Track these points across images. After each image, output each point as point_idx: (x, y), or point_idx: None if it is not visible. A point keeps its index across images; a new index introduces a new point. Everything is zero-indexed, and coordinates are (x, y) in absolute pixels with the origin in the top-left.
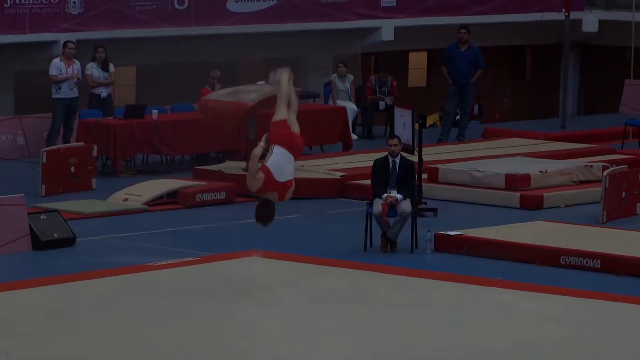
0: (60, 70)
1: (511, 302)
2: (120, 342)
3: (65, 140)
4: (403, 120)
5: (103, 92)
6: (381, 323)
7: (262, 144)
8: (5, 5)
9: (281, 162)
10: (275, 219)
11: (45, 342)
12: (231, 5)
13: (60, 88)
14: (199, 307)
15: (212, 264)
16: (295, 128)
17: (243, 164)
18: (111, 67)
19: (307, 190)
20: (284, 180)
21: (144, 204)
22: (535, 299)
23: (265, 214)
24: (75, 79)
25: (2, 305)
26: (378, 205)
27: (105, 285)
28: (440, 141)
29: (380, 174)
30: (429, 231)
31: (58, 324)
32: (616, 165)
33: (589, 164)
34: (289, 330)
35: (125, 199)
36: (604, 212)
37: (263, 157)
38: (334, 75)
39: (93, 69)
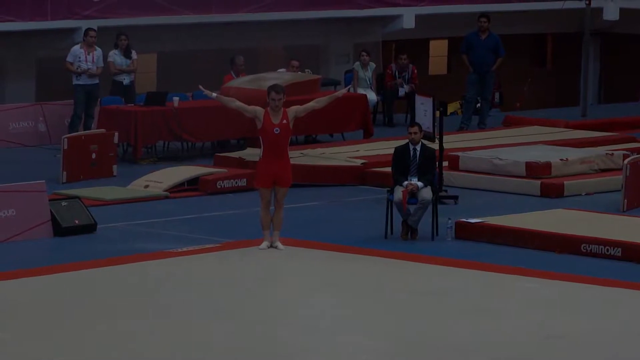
0: (79, 57)
1: (533, 289)
2: (140, 328)
3: (86, 127)
4: (424, 108)
5: (125, 79)
6: (402, 310)
7: None
8: None
9: None
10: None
11: (65, 328)
12: None
13: (80, 75)
14: (220, 294)
15: (233, 251)
16: None
17: None
18: (133, 55)
19: (328, 177)
20: None
21: (164, 191)
22: (556, 286)
23: None
24: (88, 70)
25: (23, 291)
26: (399, 193)
27: (126, 271)
28: (461, 129)
29: (401, 162)
30: (449, 219)
31: (79, 309)
32: (637, 154)
33: (610, 152)
34: (309, 317)
35: (146, 186)
36: (625, 200)
37: None
38: (357, 63)
39: (115, 56)
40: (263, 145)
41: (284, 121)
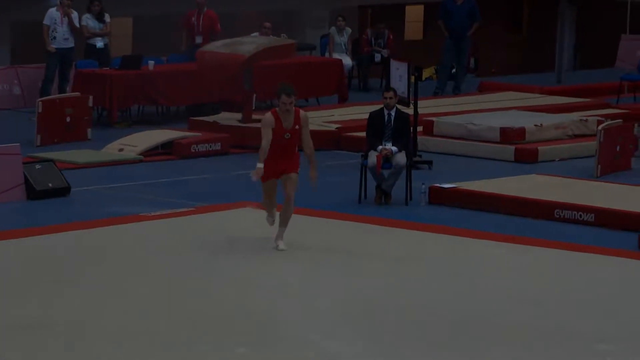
0: (55, 19)
1: (504, 255)
2: (111, 292)
3: (62, 90)
4: (399, 73)
5: (99, 43)
6: (373, 273)
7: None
8: None
9: None
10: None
11: (34, 292)
12: None
13: (55, 38)
14: (192, 257)
15: (206, 215)
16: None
17: (238, 115)
18: (107, 18)
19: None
20: None
21: (139, 155)
22: (528, 251)
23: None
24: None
25: None
26: (373, 158)
27: (99, 235)
28: (436, 94)
29: (376, 127)
30: (423, 184)
31: (49, 273)
32: (611, 120)
33: (584, 118)
34: (281, 279)
35: (121, 149)
36: (599, 166)
37: None
38: (333, 28)
39: (88, 20)
40: (270, 146)
41: (297, 127)
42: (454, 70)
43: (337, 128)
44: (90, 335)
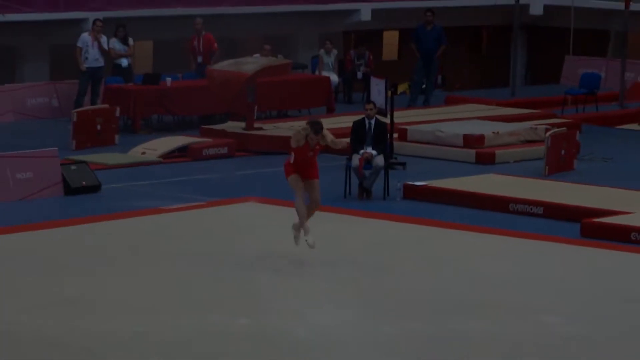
0: (87, 43)
1: (468, 241)
2: (135, 272)
3: (93, 102)
4: (378, 88)
5: (124, 62)
6: (357, 255)
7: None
8: None
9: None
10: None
11: (71, 272)
12: None
13: (87, 58)
14: (203, 243)
15: (216, 208)
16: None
17: (242, 124)
18: (130, 41)
19: None
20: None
21: (158, 157)
22: (487, 239)
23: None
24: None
25: (38, 242)
26: (356, 160)
27: (125, 225)
28: (409, 106)
29: (358, 134)
30: (398, 182)
31: (85, 256)
32: (557, 128)
33: (534, 126)
34: (277, 260)
35: (143, 153)
36: (546, 166)
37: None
38: (322, 50)
39: (115, 43)
40: (294, 156)
41: (318, 147)
42: (424, 86)
43: None
44: (108, 307)
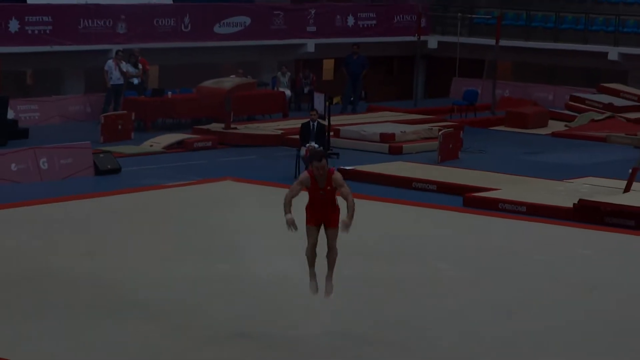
0: (111, 67)
1: (383, 210)
2: (146, 238)
3: (115, 109)
4: (319, 100)
5: (135, 81)
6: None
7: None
8: (79, 27)
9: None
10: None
11: (104, 232)
12: (216, 29)
13: (111, 78)
14: (192, 210)
15: (203, 185)
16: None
17: (222, 125)
18: (140, 66)
19: (261, 141)
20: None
21: (162, 148)
22: (398, 208)
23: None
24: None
25: (76, 208)
26: (303, 150)
27: (139, 196)
28: (341, 113)
29: (305, 132)
30: (334, 166)
31: (113, 218)
32: (447, 129)
33: (431, 127)
34: (245, 223)
35: (151, 145)
36: (439, 156)
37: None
38: (279, 72)
39: (129, 67)
40: (308, 198)
41: (329, 187)
42: (352, 98)
43: (281, 132)
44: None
